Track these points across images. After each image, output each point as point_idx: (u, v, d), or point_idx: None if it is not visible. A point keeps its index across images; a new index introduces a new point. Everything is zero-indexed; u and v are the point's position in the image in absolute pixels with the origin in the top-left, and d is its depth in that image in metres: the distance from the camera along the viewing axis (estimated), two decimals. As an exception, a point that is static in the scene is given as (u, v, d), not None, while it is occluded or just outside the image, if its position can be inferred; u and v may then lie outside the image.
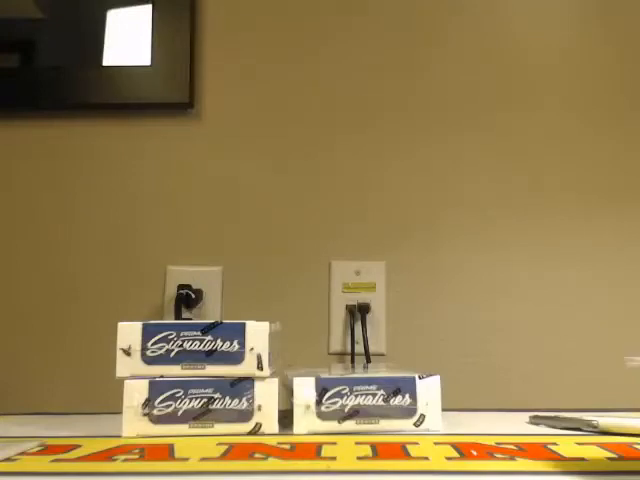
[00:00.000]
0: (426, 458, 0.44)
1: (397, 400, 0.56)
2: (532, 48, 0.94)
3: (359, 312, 0.90)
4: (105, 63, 0.93)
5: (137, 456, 0.46)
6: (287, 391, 0.59)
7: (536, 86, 0.94)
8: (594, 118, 0.93)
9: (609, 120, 0.93)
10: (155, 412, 0.55)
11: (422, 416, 0.56)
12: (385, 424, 0.55)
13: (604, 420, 0.55)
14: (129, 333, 0.57)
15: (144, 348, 0.56)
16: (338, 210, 0.94)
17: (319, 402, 0.55)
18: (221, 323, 0.57)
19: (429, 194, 0.94)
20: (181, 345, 0.56)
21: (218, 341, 0.56)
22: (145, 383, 0.56)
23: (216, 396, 0.55)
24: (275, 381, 0.56)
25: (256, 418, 0.55)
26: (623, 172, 0.92)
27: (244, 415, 0.55)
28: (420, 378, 0.56)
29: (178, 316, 0.87)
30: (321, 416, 0.55)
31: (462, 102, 0.95)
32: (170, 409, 0.55)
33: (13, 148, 0.95)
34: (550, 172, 0.93)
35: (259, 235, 0.94)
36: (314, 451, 0.46)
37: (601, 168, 0.93)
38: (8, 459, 0.45)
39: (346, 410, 0.55)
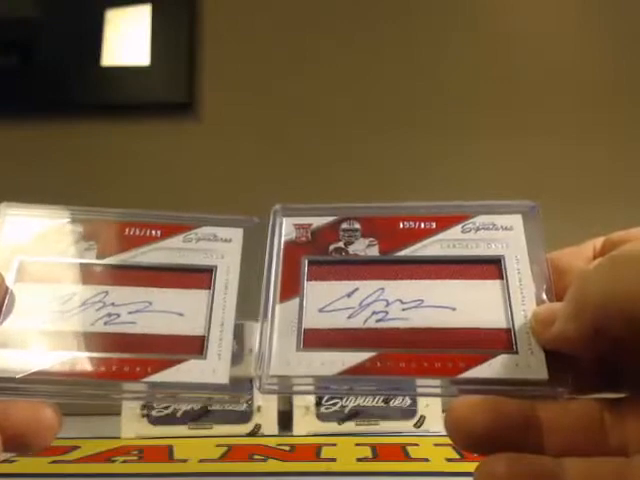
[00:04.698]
0: (426, 459, 0.44)
1: (397, 401, 0.55)
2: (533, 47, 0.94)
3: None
4: (104, 63, 0.92)
5: (136, 457, 0.46)
6: (287, 392, 0.59)
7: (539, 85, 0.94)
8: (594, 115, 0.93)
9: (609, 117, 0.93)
10: (154, 413, 0.55)
11: (422, 417, 0.55)
12: (385, 425, 0.55)
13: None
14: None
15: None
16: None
17: (319, 403, 0.55)
18: (220, 324, 0.57)
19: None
20: (180, 346, 0.56)
21: (217, 342, 0.56)
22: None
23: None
24: (275, 382, 0.56)
25: (256, 419, 0.55)
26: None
27: (243, 416, 0.55)
28: (420, 379, 0.56)
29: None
30: (321, 417, 0.55)
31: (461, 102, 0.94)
32: (169, 410, 0.55)
33: (12, 148, 0.95)
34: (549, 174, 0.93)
35: (259, 235, 0.94)
36: (314, 452, 0.46)
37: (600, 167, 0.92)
38: (7, 460, 0.45)
39: (346, 411, 0.55)
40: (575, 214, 0.91)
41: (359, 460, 0.44)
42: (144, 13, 0.94)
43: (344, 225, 0.26)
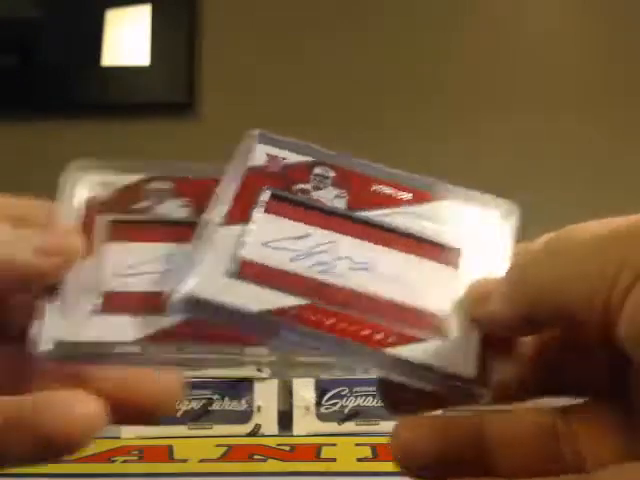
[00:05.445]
0: (426, 459, 0.43)
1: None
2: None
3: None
4: (104, 63, 0.92)
5: (136, 457, 0.46)
6: (287, 392, 0.59)
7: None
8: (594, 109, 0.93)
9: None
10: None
11: (422, 417, 0.55)
12: (385, 425, 0.55)
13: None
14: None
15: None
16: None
17: (319, 403, 0.55)
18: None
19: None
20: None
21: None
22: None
23: (215, 397, 0.55)
24: (274, 382, 0.56)
25: (255, 419, 0.55)
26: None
27: (243, 416, 0.55)
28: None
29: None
30: (321, 417, 0.55)
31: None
32: (169, 410, 0.55)
33: (11, 148, 0.95)
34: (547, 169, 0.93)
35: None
36: (314, 452, 0.46)
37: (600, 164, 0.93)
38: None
39: (346, 411, 0.55)
40: (573, 202, 0.91)
41: (359, 460, 0.44)
42: (144, 13, 0.94)
43: (317, 170, 0.24)
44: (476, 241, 0.24)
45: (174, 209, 0.24)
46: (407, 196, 0.24)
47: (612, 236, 0.18)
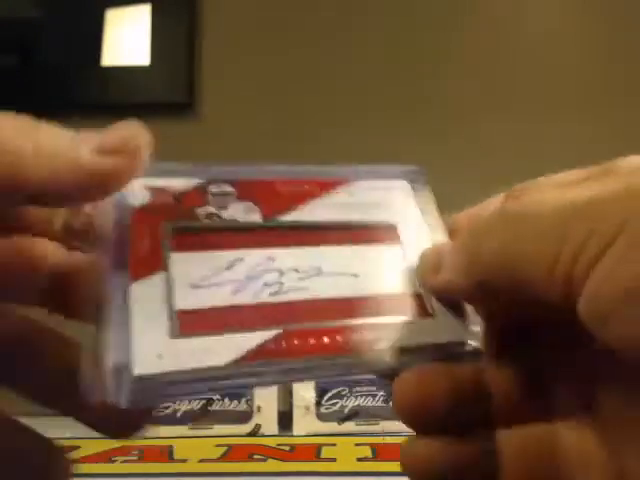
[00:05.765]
0: (426, 459, 0.44)
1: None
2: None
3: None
4: (104, 63, 0.92)
5: (136, 457, 0.46)
6: (287, 392, 0.59)
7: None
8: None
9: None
10: (154, 413, 0.55)
11: (422, 417, 0.55)
12: (385, 425, 0.55)
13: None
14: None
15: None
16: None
17: (319, 403, 0.55)
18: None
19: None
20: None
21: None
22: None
23: (215, 397, 0.55)
24: (275, 382, 0.56)
25: (255, 419, 0.55)
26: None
27: (243, 416, 0.55)
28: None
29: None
30: (321, 417, 0.55)
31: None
32: (169, 410, 0.55)
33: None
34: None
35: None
36: (314, 452, 0.46)
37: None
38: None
39: (346, 411, 0.55)
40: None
41: (359, 460, 0.44)
42: (144, 13, 0.94)
43: (212, 188, 0.21)
44: (403, 212, 0.23)
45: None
46: (315, 188, 0.23)
47: (575, 206, 0.17)
